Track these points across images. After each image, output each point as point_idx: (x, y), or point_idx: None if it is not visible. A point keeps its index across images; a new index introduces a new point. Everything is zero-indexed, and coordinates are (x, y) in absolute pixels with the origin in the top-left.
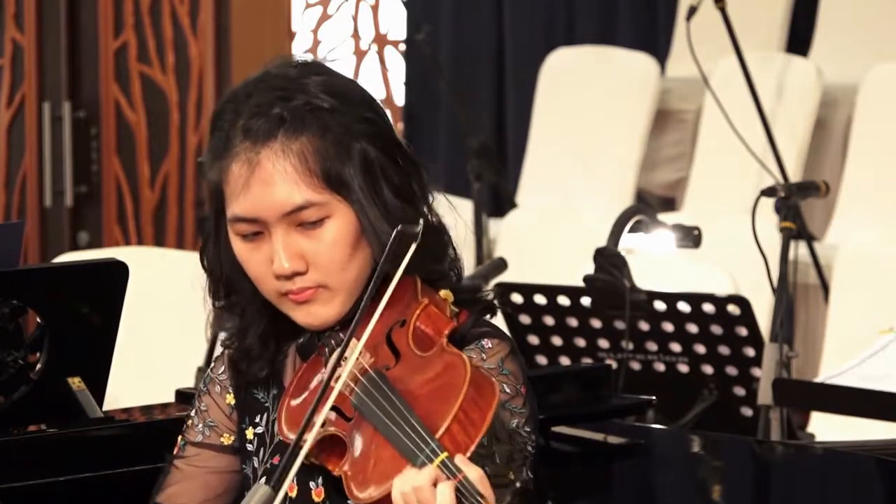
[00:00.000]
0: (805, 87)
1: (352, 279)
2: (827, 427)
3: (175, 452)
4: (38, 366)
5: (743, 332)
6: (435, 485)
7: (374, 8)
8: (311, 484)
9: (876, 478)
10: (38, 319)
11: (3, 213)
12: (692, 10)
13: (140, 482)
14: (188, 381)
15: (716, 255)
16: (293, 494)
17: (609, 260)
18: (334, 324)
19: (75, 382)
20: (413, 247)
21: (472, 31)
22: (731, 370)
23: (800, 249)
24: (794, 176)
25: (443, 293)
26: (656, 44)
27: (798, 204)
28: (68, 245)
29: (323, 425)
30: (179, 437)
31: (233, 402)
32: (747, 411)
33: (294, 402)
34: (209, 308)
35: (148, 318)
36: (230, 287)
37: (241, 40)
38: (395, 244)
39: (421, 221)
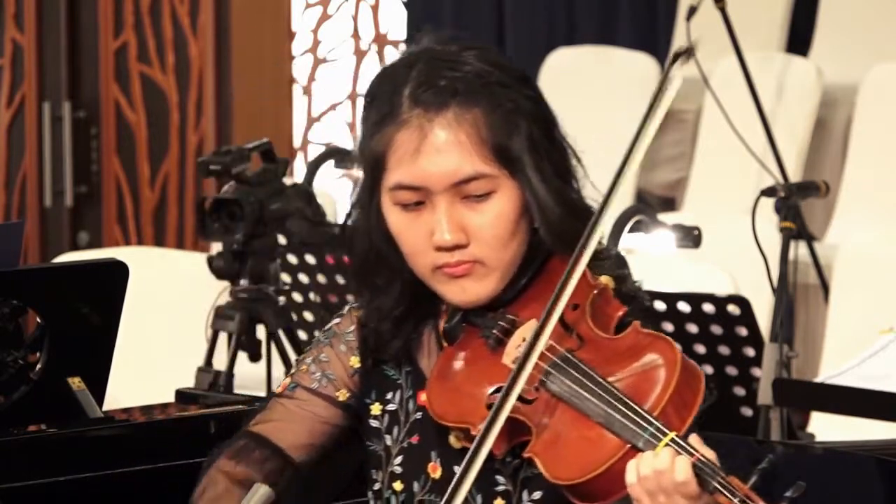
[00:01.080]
0: (805, 87)
1: (509, 258)
2: (827, 427)
3: (280, 391)
4: (38, 366)
5: (743, 332)
6: None
7: (374, 8)
8: (456, 468)
9: (876, 478)
10: (38, 319)
11: (3, 213)
12: (692, 10)
13: (140, 482)
14: (188, 381)
15: (716, 255)
16: (436, 475)
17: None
18: (484, 302)
19: (75, 382)
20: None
21: (472, 31)
22: (731, 370)
23: (800, 249)
24: (794, 176)
25: (604, 279)
26: (656, 44)
27: (798, 204)
28: (68, 245)
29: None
30: (287, 379)
31: (357, 366)
32: (747, 411)
33: (447, 385)
34: (209, 308)
35: (148, 318)
36: (375, 263)
37: (241, 40)
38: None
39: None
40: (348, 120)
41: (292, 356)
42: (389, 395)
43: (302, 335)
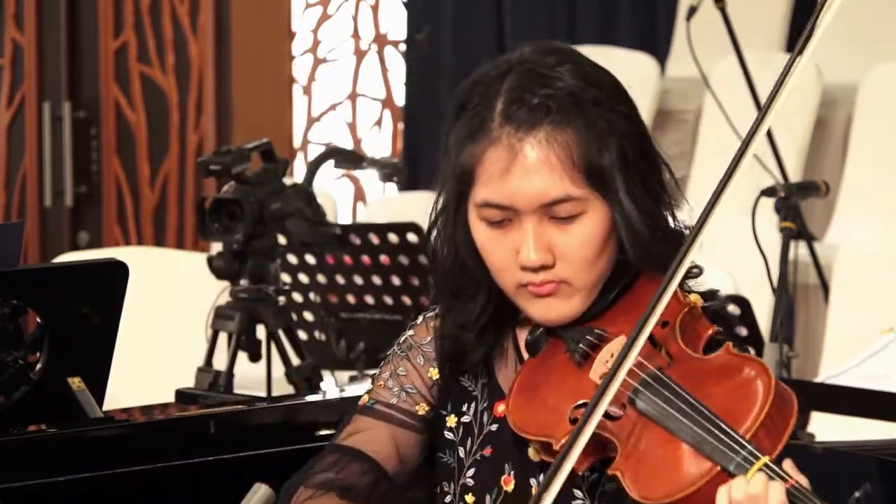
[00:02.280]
0: (805, 87)
1: (595, 278)
2: (827, 427)
3: (362, 404)
4: (38, 366)
5: (743, 332)
6: None
7: (374, 8)
8: (532, 480)
9: (876, 478)
10: (38, 319)
11: (3, 213)
12: (692, 10)
13: (140, 482)
14: (188, 381)
15: (716, 255)
16: (509, 488)
17: None
18: (569, 321)
19: (75, 382)
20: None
21: (472, 31)
22: None
23: (800, 249)
24: (794, 176)
25: (693, 297)
26: (656, 44)
27: (798, 204)
28: (68, 245)
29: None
30: (366, 396)
31: (436, 377)
32: None
33: (529, 397)
34: (209, 308)
35: (148, 318)
36: (460, 274)
37: (241, 40)
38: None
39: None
40: (348, 120)
41: (292, 356)
42: (465, 407)
43: (302, 335)
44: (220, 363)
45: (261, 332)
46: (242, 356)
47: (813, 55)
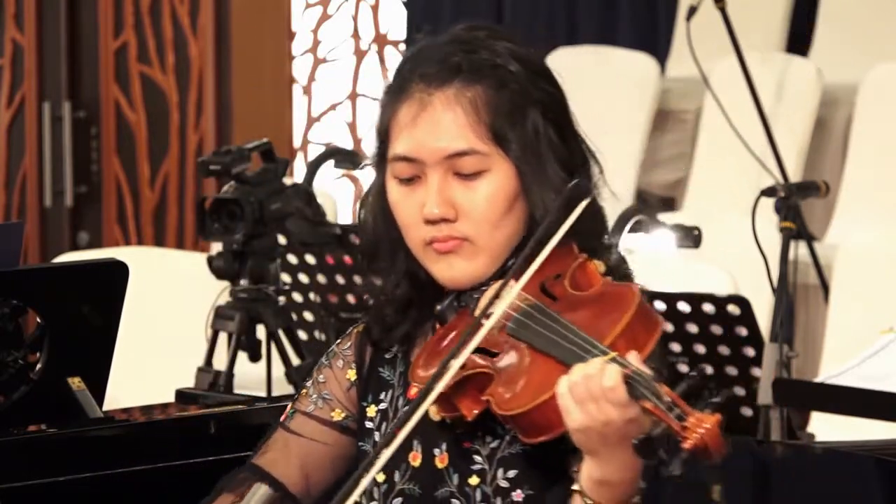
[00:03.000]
0: (805, 87)
1: (499, 240)
2: (827, 427)
3: (282, 419)
4: (38, 366)
5: (743, 332)
6: None
7: (374, 8)
8: (436, 451)
9: (876, 478)
10: (38, 319)
11: (3, 213)
12: (692, 10)
13: (140, 482)
14: (188, 381)
15: (716, 255)
16: (416, 463)
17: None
18: (473, 283)
19: (75, 382)
20: (583, 204)
21: None
22: (731, 370)
23: (800, 249)
24: (794, 176)
25: (595, 262)
26: (656, 44)
27: (798, 204)
28: (68, 245)
29: (463, 367)
30: (289, 406)
31: (353, 378)
32: (747, 411)
33: (430, 356)
34: (209, 308)
35: (148, 318)
36: (378, 241)
37: (241, 40)
38: (568, 193)
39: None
40: (348, 120)
41: (292, 356)
42: (382, 395)
43: (302, 335)
44: (220, 363)
45: (261, 332)
46: (242, 356)
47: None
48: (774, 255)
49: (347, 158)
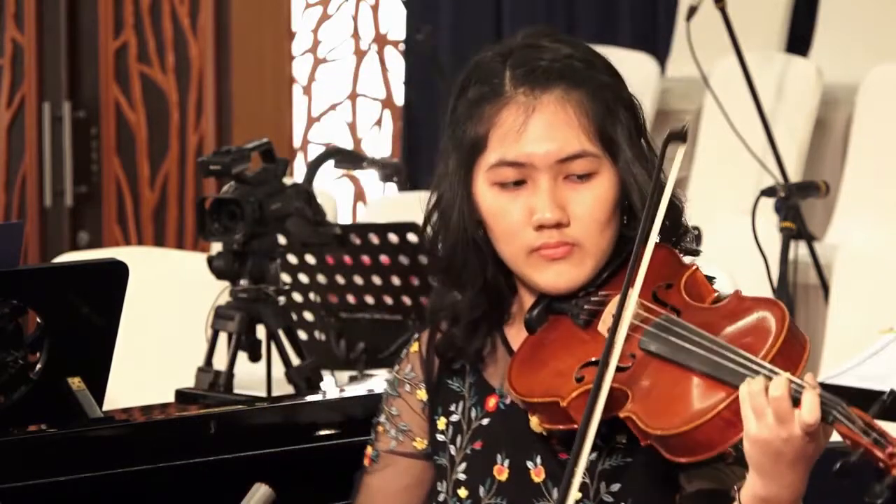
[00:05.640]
0: (805, 87)
1: (604, 245)
2: None
3: (367, 465)
4: (38, 366)
5: None
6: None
7: (374, 8)
8: (529, 463)
9: (875, 478)
10: (38, 319)
11: (3, 213)
12: (692, 10)
13: (140, 482)
14: (188, 381)
15: (716, 255)
16: (503, 477)
17: None
18: (575, 289)
19: (75, 382)
20: (682, 150)
21: (472, 31)
22: None
23: (800, 249)
24: (794, 176)
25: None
26: (656, 44)
27: (798, 204)
28: (68, 245)
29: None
30: (369, 448)
31: (425, 398)
32: None
33: (532, 366)
34: (209, 308)
35: (148, 318)
36: (464, 254)
37: (241, 40)
38: (666, 143)
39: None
40: (348, 120)
41: (292, 356)
42: (453, 407)
43: (302, 335)
44: (220, 363)
45: (261, 332)
46: (242, 356)
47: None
48: (774, 255)
49: (347, 158)
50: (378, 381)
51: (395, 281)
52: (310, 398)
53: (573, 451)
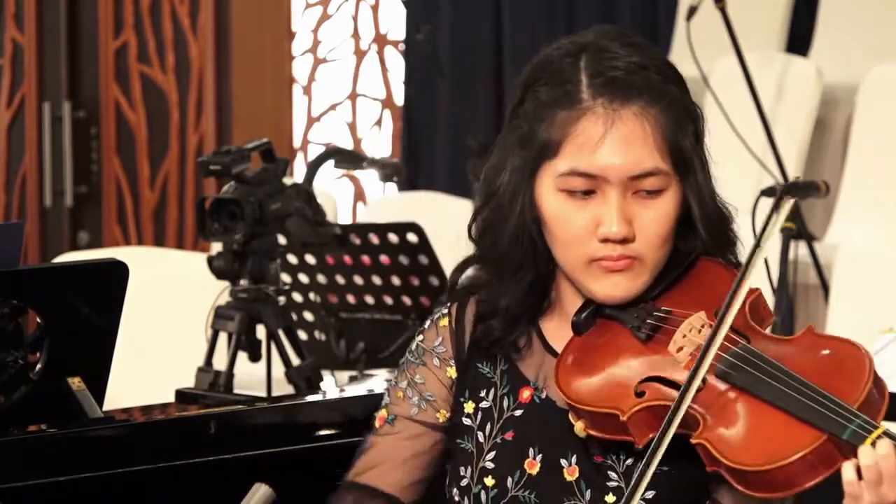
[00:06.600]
0: (805, 87)
1: (660, 259)
2: None
3: (379, 425)
4: (38, 366)
5: None
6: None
7: (374, 8)
8: (563, 461)
9: None
10: (38, 319)
11: (3, 213)
12: (692, 10)
13: (140, 482)
14: (188, 381)
15: None
16: (533, 471)
17: None
18: (631, 300)
19: (75, 382)
20: (786, 211)
21: (472, 31)
22: None
23: (800, 249)
24: (794, 176)
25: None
26: (656, 44)
27: (798, 204)
28: (68, 245)
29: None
30: (383, 410)
31: (454, 375)
32: None
33: (587, 372)
34: (209, 308)
35: (148, 318)
36: (519, 249)
37: (241, 40)
38: (778, 200)
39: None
40: (348, 120)
41: (292, 356)
42: (483, 393)
43: (302, 335)
44: (220, 363)
45: (261, 332)
46: (242, 356)
47: (813, 55)
48: (774, 255)
49: (347, 158)
50: (378, 381)
51: (395, 281)
52: (310, 398)
53: (640, 470)
